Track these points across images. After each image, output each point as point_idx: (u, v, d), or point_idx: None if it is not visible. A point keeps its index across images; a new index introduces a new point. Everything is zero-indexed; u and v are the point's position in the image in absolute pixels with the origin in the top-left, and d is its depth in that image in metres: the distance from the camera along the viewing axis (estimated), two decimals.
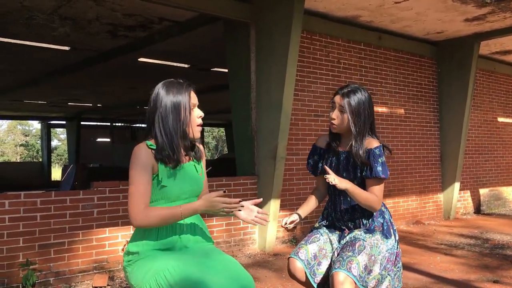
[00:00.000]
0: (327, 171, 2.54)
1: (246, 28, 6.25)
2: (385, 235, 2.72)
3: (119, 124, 24.20)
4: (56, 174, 26.04)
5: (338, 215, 2.82)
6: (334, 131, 2.78)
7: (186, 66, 10.40)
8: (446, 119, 8.77)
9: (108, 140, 23.94)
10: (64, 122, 22.65)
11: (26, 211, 4.49)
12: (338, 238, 2.82)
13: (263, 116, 6.14)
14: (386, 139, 7.75)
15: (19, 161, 43.90)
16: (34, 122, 41.67)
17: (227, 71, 6.81)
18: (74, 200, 4.77)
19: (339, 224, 2.83)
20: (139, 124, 22.80)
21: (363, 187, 2.67)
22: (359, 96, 2.69)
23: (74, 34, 7.67)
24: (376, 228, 2.72)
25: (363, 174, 2.68)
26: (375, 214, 2.75)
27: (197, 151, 2.36)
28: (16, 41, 7.98)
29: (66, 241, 4.71)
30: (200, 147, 2.41)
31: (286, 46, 5.78)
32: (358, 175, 2.71)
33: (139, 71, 10.82)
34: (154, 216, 2.11)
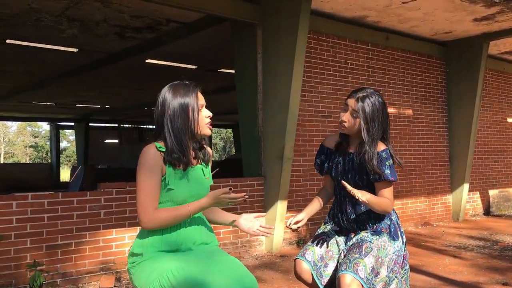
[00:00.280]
0: (345, 185, 2.47)
1: (253, 29, 6.24)
2: (392, 237, 2.69)
3: (127, 125, 24.30)
4: (65, 175, 26.20)
5: (344, 216, 2.79)
6: (343, 132, 2.74)
7: (193, 67, 10.42)
8: (455, 119, 8.70)
9: (116, 141, 24.03)
10: (72, 124, 22.77)
11: (34, 212, 4.51)
12: (344, 239, 2.80)
13: (270, 117, 6.13)
14: (394, 140, 7.70)
15: (28, 162, 44.22)
16: (43, 124, 41.95)
17: (234, 72, 6.81)
18: (81, 201, 4.78)
19: (345, 226, 2.80)
20: (147, 126, 22.88)
21: (369, 188, 2.65)
22: (374, 102, 2.62)
23: (82, 36, 7.71)
24: (383, 230, 2.70)
25: (371, 178, 2.65)
26: (382, 215, 2.72)
27: (205, 154, 2.36)
28: (24, 43, 8.04)
29: (73, 242, 4.72)
30: (209, 150, 2.40)
31: (293, 46, 5.76)
32: (364, 177, 2.68)
33: (147, 72, 10.85)
34: (163, 217, 2.12)
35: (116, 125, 23.87)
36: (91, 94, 14.60)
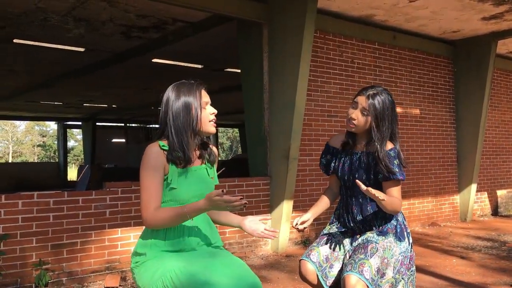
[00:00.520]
0: (360, 185, 2.43)
1: (259, 28, 6.22)
2: (398, 237, 2.65)
3: (134, 125, 24.35)
4: (73, 174, 26.30)
5: (350, 216, 2.76)
6: (351, 130, 2.70)
7: (199, 66, 10.41)
8: (462, 119, 8.64)
9: (123, 140, 24.09)
10: (80, 123, 22.86)
11: (39, 211, 4.52)
12: (350, 240, 2.77)
13: (276, 116, 6.10)
14: (401, 139, 7.63)
15: (36, 161, 44.47)
16: (51, 123, 42.17)
17: (240, 71, 6.79)
18: (86, 200, 4.78)
19: (351, 226, 2.77)
20: (153, 125, 22.91)
21: (376, 187, 2.62)
22: (384, 100, 2.60)
23: (88, 35, 7.72)
24: (389, 231, 2.67)
25: (379, 177, 2.62)
26: (388, 216, 2.69)
27: (210, 154, 2.34)
28: (31, 42, 8.06)
29: (78, 241, 4.73)
30: (214, 150, 2.38)
31: (299, 46, 5.73)
32: (371, 176, 2.65)
33: (153, 72, 10.86)
34: (161, 217, 2.09)
35: (123, 124, 23.94)
36: (98, 93, 14.64)
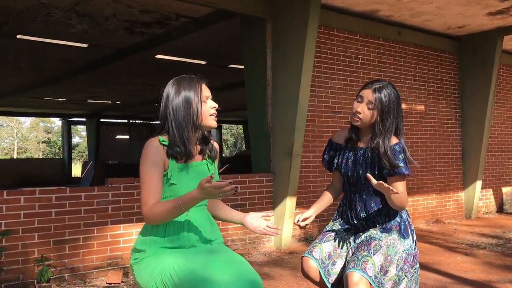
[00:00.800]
0: (370, 179, 2.39)
1: (263, 24, 6.18)
2: (402, 234, 2.62)
3: (137, 121, 24.34)
4: (77, 170, 26.36)
5: (353, 213, 2.73)
6: (356, 124, 2.66)
7: (203, 63, 10.37)
8: (468, 115, 8.57)
9: (127, 137, 24.12)
10: (84, 119, 22.88)
11: (41, 207, 4.51)
12: (353, 237, 2.73)
13: (279, 112, 6.07)
14: (406, 136, 7.56)
15: (41, 157, 44.59)
16: (56, 120, 42.29)
17: (243, 67, 6.75)
18: (88, 196, 4.77)
19: (354, 223, 2.74)
20: (157, 121, 22.89)
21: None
22: (390, 94, 2.57)
23: (92, 31, 7.70)
24: (392, 228, 2.63)
25: (384, 172, 2.58)
26: (392, 212, 2.65)
27: (212, 150, 2.31)
28: (35, 38, 8.05)
29: (81, 237, 4.72)
30: (216, 146, 2.36)
31: (303, 41, 5.69)
32: (376, 172, 2.61)
33: (157, 68, 10.83)
34: (158, 211, 2.06)
35: (126, 121, 23.95)
36: (102, 90, 14.64)
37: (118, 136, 24.11)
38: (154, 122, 23.61)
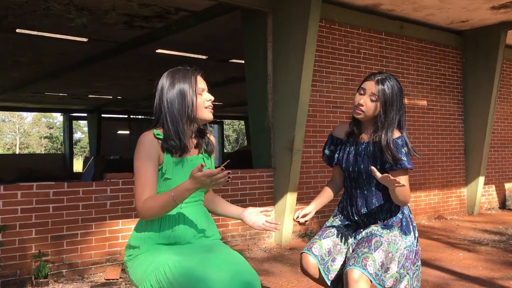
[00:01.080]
0: (375, 172, 2.33)
1: (264, 17, 6.11)
2: (403, 231, 2.56)
3: (137, 116, 24.29)
4: (79, 166, 26.34)
5: (354, 209, 2.67)
6: (358, 117, 2.60)
7: (204, 57, 10.31)
8: (470, 111, 8.50)
9: (128, 132, 24.10)
10: (85, 115, 22.85)
11: (39, 202, 4.46)
12: (353, 233, 2.68)
13: (280, 107, 6.01)
14: (408, 131, 7.51)
15: (43, 153, 44.62)
16: (58, 115, 42.30)
17: (244, 61, 6.69)
18: (87, 191, 4.72)
19: (354, 219, 2.68)
20: None
21: None
22: (393, 86, 2.53)
23: (91, 25, 7.64)
24: (394, 224, 2.57)
25: (386, 167, 2.52)
26: (393, 208, 2.60)
27: (208, 144, 2.25)
28: (34, 32, 7.99)
29: (79, 232, 4.67)
30: (212, 140, 2.30)
31: (304, 35, 5.63)
32: (378, 167, 2.55)
33: (158, 63, 10.75)
34: (150, 205, 2.00)
35: (127, 116, 23.91)
36: (103, 85, 14.59)
37: (119, 132, 24.10)
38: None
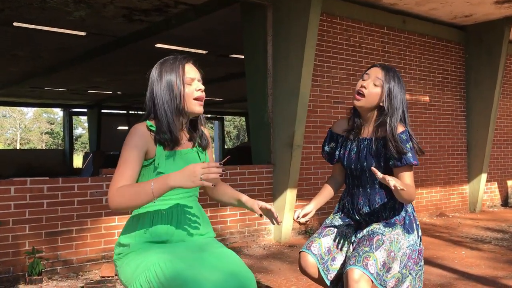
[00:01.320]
0: (376, 172, 2.23)
1: (264, 11, 6.00)
2: (406, 229, 2.47)
3: (137, 112, 24.22)
4: (79, 161, 26.29)
5: (355, 206, 2.58)
6: (358, 103, 2.49)
7: (204, 52, 10.20)
8: (473, 107, 8.40)
9: (127, 128, 24.05)
10: (85, 110, 22.78)
11: (33, 198, 4.36)
12: (354, 231, 2.59)
13: (280, 102, 5.91)
14: (410, 127, 7.42)
15: (43, 148, 44.59)
16: (58, 111, 42.22)
17: (244, 56, 6.58)
18: (82, 187, 4.63)
19: (356, 217, 2.59)
20: None
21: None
22: (398, 76, 2.50)
23: (90, 19, 7.53)
24: (397, 222, 2.48)
25: (390, 163, 2.43)
26: (397, 206, 2.50)
27: (202, 138, 2.16)
28: (31, 26, 7.88)
29: (73, 229, 4.58)
30: (206, 133, 2.20)
31: (304, 29, 5.53)
32: (381, 164, 2.46)
33: (158, 57, 10.55)
34: (121, 192, 1.86)
35: (126, 112, 23.85)
36: (102, 80, 14.48)
37: (119, 127, 24.04)
38: None
